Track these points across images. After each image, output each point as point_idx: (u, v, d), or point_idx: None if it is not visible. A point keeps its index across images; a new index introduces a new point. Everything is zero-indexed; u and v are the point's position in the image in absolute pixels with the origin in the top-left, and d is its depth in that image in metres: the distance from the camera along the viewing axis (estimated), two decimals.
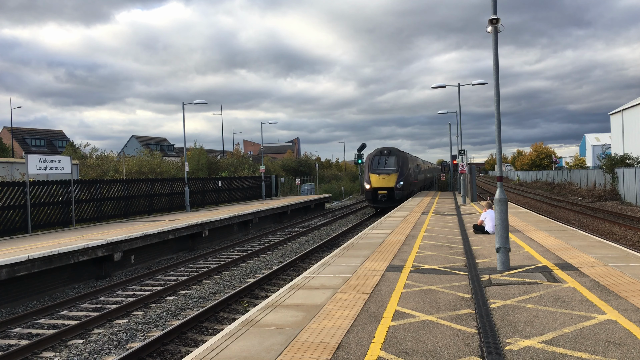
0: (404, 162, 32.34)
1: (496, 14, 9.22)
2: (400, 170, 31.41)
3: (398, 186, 30.91)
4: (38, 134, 78.54)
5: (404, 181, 31.58)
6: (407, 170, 32.70)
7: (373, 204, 31.90)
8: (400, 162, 31.91)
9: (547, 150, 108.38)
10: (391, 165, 31.80)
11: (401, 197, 31.09)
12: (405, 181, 31.77)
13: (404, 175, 31.63)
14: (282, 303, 7.15)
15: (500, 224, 9.11)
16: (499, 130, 9.52)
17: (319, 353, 5.13)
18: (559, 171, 67.73)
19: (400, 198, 30.83)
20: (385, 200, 30.96)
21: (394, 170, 31.42)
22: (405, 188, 32.00)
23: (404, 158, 32.82)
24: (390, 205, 30.02)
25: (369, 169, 32.06)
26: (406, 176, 32.20)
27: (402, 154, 33.05)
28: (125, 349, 8.47)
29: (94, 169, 35.89)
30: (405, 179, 31.89)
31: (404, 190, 31.54)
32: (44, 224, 18.04)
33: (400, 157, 32.25)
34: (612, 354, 4.89)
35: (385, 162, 31.92)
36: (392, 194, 31.10)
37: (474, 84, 28.79)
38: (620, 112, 57.17)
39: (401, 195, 31.11)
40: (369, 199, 32.37)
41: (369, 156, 33.37)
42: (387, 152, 32.63)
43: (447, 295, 7.35)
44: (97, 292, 12.67)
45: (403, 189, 31.34)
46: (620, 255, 9.96)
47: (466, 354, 5.03)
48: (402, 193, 31.37)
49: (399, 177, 31.12)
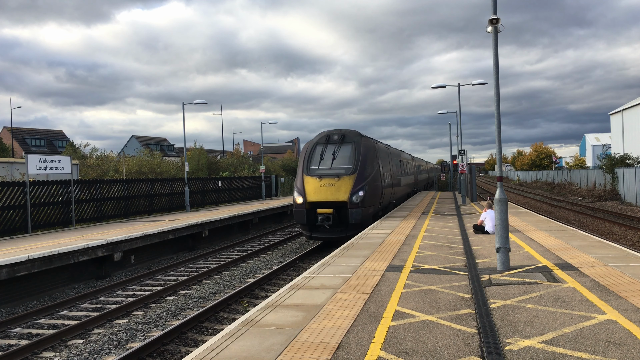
0: (369, 156, 18.38)
1: (496, 14, 9.21)
2: (361, 170, 17.65)
3: (355, 199, 17.02)
4: (38, 134, 78.53)
5: (369, 189, 17.65)
6: (375, 169, 18.86)
7: (309, 231, 17.64)
8: (361, 155, 18.03)
9: (547, 150, 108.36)
10: (344, 160, 18.09)
11: (363, 218, 17.24)
12: (370, 189, 17.81)
13: (368, 179, 17.80)
14: (282, 303, 7.15)
15: (500, 224, 9.11)
16: (499, 130, 9.52)
17: (319, 353, 5.13)
18: (559, 171, 67.75)
19: (360, 221, 17.06)
20: (331, 225, 17.18)
21: (347, 171, 17.59)
22: (371, 201, 18.08)
23: (368, 149, 18.70)
24: (342, 235, 17.12)
25: (304, 167, 18.20)
26: (372, 180, 18.24)
27: (365, 141, 18.94)
28: (125, 349, 8.48)
29: (94, 169, 35.89)
30: (371, 185, 18.00)
31: (368, 207, 17.73)
32: (44, 224, 18.04)
33: (361, 146, 18.33)
34: (612, 354, 4.89)
35: (333, 156, 18.20)
36: (343, 215, 17.25)
37: (474, 84, 28.80)
38: (620, 112, 57.17)
39: (363, 215, 17.23)
40: (301, 223, 17.82)
41: (306, 146, 19.20)
42: (337, 137, 18.62)
43: (447, 295, 7.35)
44: (97, 292, 12.66)
45: (366, 203, 17.41)
46: (620, 255, 9.96)
47: (466, 354, 5.03)
48: (365, 212, 17.44)
49: (357, 183, 17.29)
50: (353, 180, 17.29)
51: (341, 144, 18.54)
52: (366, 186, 17.45)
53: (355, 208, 17.04)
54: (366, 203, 17.40)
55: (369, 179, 17.87)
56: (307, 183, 17.53)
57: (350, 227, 17.11)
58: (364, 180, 17.46)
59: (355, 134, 18.84)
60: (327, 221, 17.01)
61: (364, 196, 17.21)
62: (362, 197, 17.14)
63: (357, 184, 17.26)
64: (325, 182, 17.34)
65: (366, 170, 17.80)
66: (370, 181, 17.91)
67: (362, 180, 17.43)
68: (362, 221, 17.22)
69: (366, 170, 17.83)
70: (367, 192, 17.40)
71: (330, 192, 17.17)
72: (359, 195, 17.13)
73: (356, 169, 17.63)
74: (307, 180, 17.60)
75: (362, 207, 17.17)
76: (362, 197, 17.14)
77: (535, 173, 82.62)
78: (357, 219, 16.99)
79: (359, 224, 17.12)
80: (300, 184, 17.71)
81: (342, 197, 17.07)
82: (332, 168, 17.87)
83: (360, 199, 17.10)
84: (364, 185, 17.38)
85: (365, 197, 17.26)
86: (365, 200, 17.31)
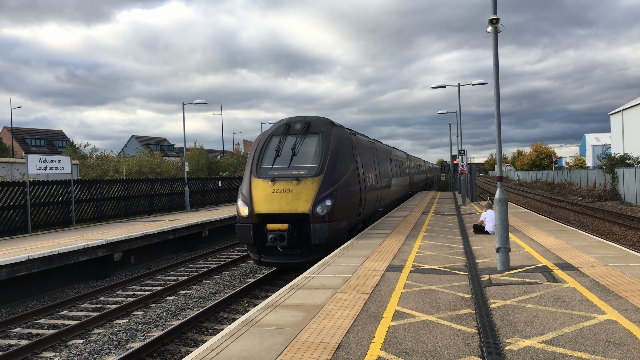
0: (342, 152, 13.97)
1: (496, 14, 9.21)
2: (330, 170, 13.20)
3: (320, 210, 12.63)
4: (38, 134, 78.54)
5: (341, 196, 13.20)
6: (351, 169, 14.36)
7: (257, 253, 13.20)
8: (331, 150, 13.60)
9: (547, 150, 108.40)
10: (307, 157, 13.67)
11: (332, 236, 12.75)
12: (343, 196, 13.33)
13: (340, 182, 13.34)
14: (282, 303, 7.15)
15: (500, 224, 9.11)
16: (499, 130, 9.53)
17: (319, 353, 5.13)
18: (559, 171, 67.76)
19: (327, 240, 12.59)
20: (287, 247, 12.76)
21: (311, 171, 13.24)
22: (344, 212, 13.51)
23: (342, 142, 14.23)
24: (301, 260, 12.80)
25: (253, 167, 13.77)
26: (346, 184, 13.72)
27: (337, 132, 14.44)
28: (125, 349, 8.48)
29: (94, 169, 35.91)
30: (344, 190, 13.50)
31: (339, 220, 13.14)
32: (44, 224, 18.04)
33: (331, 138, 13.86)
34: (612, 354, 4.89)
35: (293, 152, 13.71)
36: (305, 232, 12.93)
37: (474, 84, 28.80)
38: (620, 112, 57.17)
39: (331, 232, 12.68)
40: (247, 243, 13.30)
41: (258, 139, 14.68)
42: (300, 126, 14.22)
43: (447, 295, 7.35)
44: (97, 292, 12.66)
45: (336, 215, 12.93)
46: (620, 255, 9.96)
47: (466, 354, 5.03)
48: (335, 228, 12.89)
49: (324, 187, 12.86)
50: (318, 184, 12.69)
51: (305, 136, 13.83)
52: (337, 192, 12.81)
53: (320, 223, 12.36)
54: (336, 215, 12.76)
55: (342, 182, 13.26)
56: (256, 188, 12.98)
57: (314, 249, 12.52)
58: (333, 184, 12.82)
59: (324, 122, 14.28)
60: (281, 241, 12.43)
61: (333, 206, 12.56)
62: (331, 207, 12.49)
63: (323, 189, 12.65)
64: (280, 187, 12.80)
65: (337, 171, 13.24)
66: (342, 185, 13.26)
67: (331, 183, 12.82)
68: (330, 240, 12.50)
69: (337, 170, 13.26)
70: (337, 199, 12.77)
71: (286, 200, 12.61)
72: (325, 204, 12.49)
73: (323, 168, 13.02)
74: (256, 185, 13.06)
75: (329, 221, 12.43)
76: (331, 208, 12.48)
77: (535, 173, 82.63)
78: (322, 237, 12.31)
79: (326, 245, 12.45)
80: (246, 189, 13.10)
81: (302, 208, 12.48)
82: (291, 167, 13.22)
83: (327, 209, 12.46)
84: (334, 192, 12.71)
85: (334, 207, 12.61)
86: (335, 211, 12.67)
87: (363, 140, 17.79)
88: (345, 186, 13.63)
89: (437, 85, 29.16)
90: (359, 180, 15.03)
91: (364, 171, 15.96)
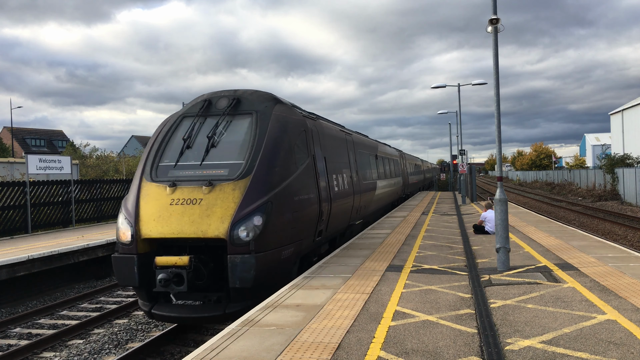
0: (286, 140, 9.12)
1: (496, 14, 9.21)
2: (261, 170, 8.32)
3: (242, 234, 7.68)
4: (38, 134, 78.55)
5: (281, 209, 8.33)
6: (303, 166, 9.62)
7: (148, 300, 8.17)
8: (270, 137, 8.81)
9: (547, 150, 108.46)
10: (229, 149, 8.86)
11: (266, 275, 7.83)
12: (284, 209, 8.45)
13: (282, 187, 8.51)
14: (282, 303, 7.15)
15: (500, 224, 9.11)
16: (499, 130, 9.53)
17: (319, 353, 5.13)
18: (559, 171, 67.78)
19: (254, 280, 7.55)
20: (187, 292, 7.76)
21: (233, 170, 8.40)
22: (288, 235, 8.50)
23: (287, 126, 9.33)
24: (214, 313, 7.84)
25: (148, 164, 9.00)
26: (292, 190, 8.84)
27: (281, 111, 9.57)
28: (125, 349, 8.47)
29: (94, 169, 35.93)
30: (288, 200, 8.64)
31: (278, 249, 8.21)
32: (44, 224, 18.04)
33: (269, 120, 9.08)
34: (612, 354, 4.89)
35: (210, 142, 8.93)
36: (222, 265, 7.98)
37: (474, 84, 28.81)
38: (620, 112, 57.19)
39: (263, 269, 7.73)
40: (130, 285, 8.25)
41: (163, 124, 9.84)
42: (226, 103, 9.53)
43: (447, 295, 7.35)
44: (97, 292, 12.66)
45: (271, 240, 8.01)
46: (620, 255, 9.96)
47: (466, 354, 5.03)
48: (267, 262, 7.86)
49: (251, 195, 7.99)
50: (242, 192, 8.09)
51: (232, 117, 9.33)
52: (273, 204, 8.18)
53: (243, 253, 7.70)
54: (271, 240, 8.12)
55: (283, 187, 8.60)
56: (146, 198, 8.39)
57: (235, 295, 7.85)
58: (267, 191, 8.22)
59: (261, 99, 9.66)
60: (178, 284, 7.74)
61: (266, 225, 7.94)
62: (262, 227, 7.86)
63: (250, 198, 8.03)
64: (182, 196, 8.18)
65: (275, 170, 8.59)
66: (284, 192, 8.59)
67: (264, 190, 8.21)
68: (262, 281, 7.85)
69: (276, 169, 8.61)
70: (274, 215, 8.14)
71: (191, 217, 7.95)
72: (251, 223, 7.83)
73: (253, 166, 8.40)
74: (147, 192, 8.47)
75: (259, 251, 7.80)
76: (262, 229, 7.86)
77: (535, 173, 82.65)
78: (245, 277, 7.64)
79: (255, 289, 7.81)
80: (132, 200, 8.48)
81: (214, 230, 7.82)
82: (205, 165, 8.70)
83: (254, 232, 7.81)
84: (267, 203, 8.09)
85: (268, 228, 7.99)
86: (269, 234, 8.05)
87: (329, 129, 12.87)
88: (290, 194, 8.79)
89: (437, 85, 29.18)
90: (318, 184, 10.24)
91: (328, 171, 11.41)
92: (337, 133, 13.78)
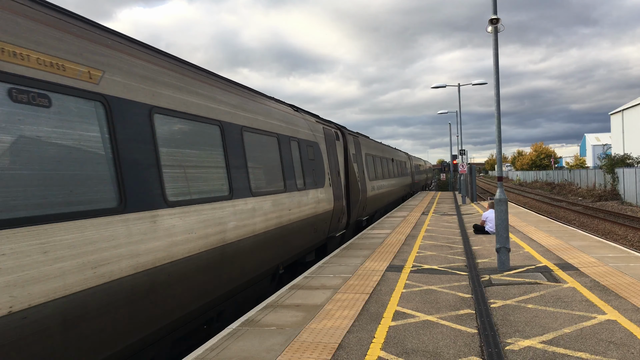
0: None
1: (496, 14, 9.21)
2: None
3: None
4: None
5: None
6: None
7: None
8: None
9: (547, 150, 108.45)
10: None
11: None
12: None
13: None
14: (282, 303, 7.15)
15: (501, 224, 9.10)
16: (499, 130, 9.52)
17: (319, 353, 5.13)
18: (559, 171, 67.74)
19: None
20: None
21: None
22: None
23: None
24: None
25: None
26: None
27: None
28: None
29: None
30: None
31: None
32: None
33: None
34: (612, 354, 4.89)
35: None
36: None
37: (474, 84, 28.81)
38: (621, 112, 57.20)
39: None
40: None
41: None
42: None
43: (447, 295, 7.34)
44: None
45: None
46: (620, 255, 9.96)
47: (466, 354, 5.02)
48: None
49: None
50: None
51: None
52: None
53: None
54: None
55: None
56: None
57: None
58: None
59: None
60: None
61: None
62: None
63: None
64: None
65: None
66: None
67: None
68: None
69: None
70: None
71: None
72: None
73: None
74: None
75: None
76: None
77: (536, 173, 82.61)
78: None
79: None
80: None
81: None
82: None
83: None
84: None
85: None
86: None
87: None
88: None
89: (438, 85, 29.18)
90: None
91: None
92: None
